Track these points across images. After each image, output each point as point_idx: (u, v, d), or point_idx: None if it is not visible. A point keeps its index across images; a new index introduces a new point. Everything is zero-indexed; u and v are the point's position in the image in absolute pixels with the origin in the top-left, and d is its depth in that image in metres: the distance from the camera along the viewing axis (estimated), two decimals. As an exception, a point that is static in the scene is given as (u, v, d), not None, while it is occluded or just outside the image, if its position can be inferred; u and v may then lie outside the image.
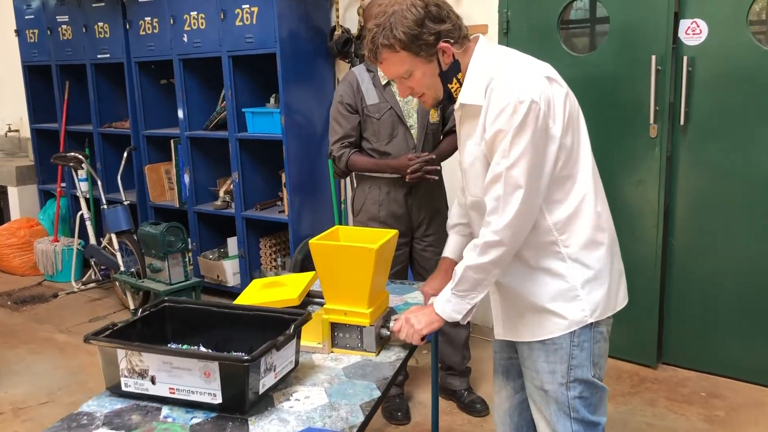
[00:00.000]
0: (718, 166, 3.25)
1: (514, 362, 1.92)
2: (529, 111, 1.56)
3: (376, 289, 1.84)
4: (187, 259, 4.08)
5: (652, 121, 3.25)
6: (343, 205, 4.34)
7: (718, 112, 3.22)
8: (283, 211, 4.33)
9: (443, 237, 3.03)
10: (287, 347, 1.62)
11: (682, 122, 3.27)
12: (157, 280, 4.07)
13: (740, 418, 3.04)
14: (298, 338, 1.69)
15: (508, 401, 1.98)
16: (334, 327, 1.84)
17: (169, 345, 1.77)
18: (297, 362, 1.71)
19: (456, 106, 1.76)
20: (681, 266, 3.43)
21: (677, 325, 3.49)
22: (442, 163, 2.99)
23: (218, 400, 1.51)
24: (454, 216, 2.06)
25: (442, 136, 3.02)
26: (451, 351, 3.15)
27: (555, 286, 1.71)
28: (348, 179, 4.20)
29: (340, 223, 4.27)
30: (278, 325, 1.67)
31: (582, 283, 1.70)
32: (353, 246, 1.77)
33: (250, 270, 4.56)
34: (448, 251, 2.06)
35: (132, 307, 4.42)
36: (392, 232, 1.88)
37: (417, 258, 3.02)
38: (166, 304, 1.81)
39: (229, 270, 4.60)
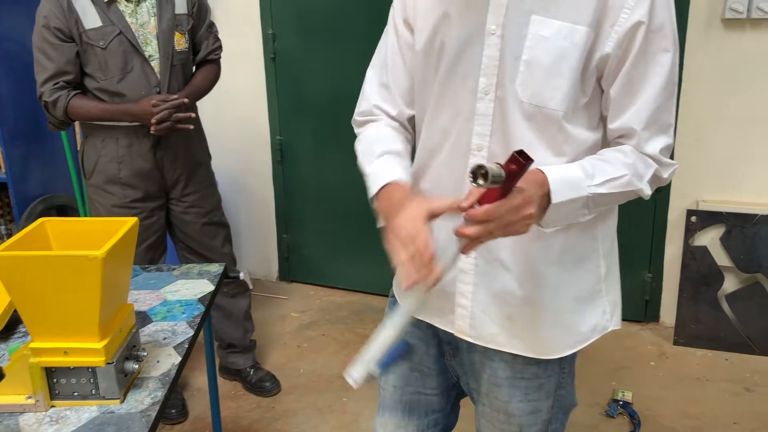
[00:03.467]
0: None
1: (423, 397, 1.40)
2: None
3: (112, 308, 1.26)
4: None
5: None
6: (79, 155, 3.52)
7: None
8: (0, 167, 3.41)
9: (208, 195, 2.47)
10: (-37, 435, 1.01)
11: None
12: None
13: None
14: (-13, 408, 1.08)
15: None
16: (52, 372, 1.24)
17: None
18: (-10, 443, 1.11)
19: None
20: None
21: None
22: (202, 100, 2.39)
23: None
24: (380, 144, 1.25)
25: (194, 67, 2.39)
26: (230, 326, 2.65)
27: (591, 272, 1.23)
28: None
29: (79, 179, 3.46)
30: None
31: (606, 271, 1.25)
32: (66, 256, 1.16)
33: (-36, 244, 3.60)
34: (397, 174, 1.19)
35: None
36: (130, 222, 1.29)
37: (176, 223, 2.42)
38: None
39: (-66, 246, 3.60)
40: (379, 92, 1.30)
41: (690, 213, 2.87)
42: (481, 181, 0.94)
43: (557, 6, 1.06)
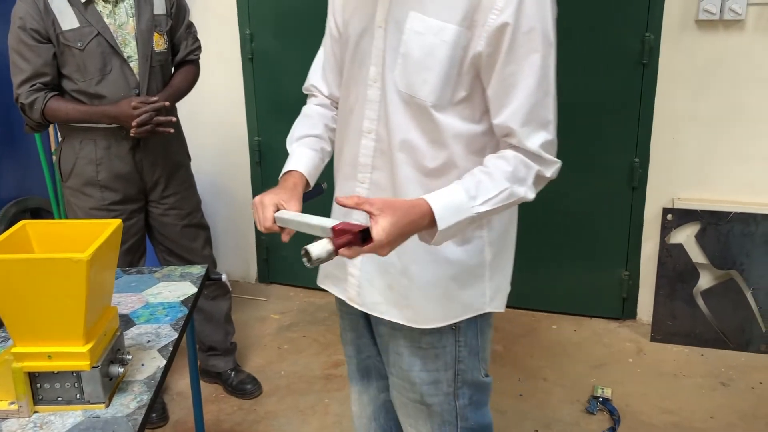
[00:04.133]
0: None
1: (374, 361, 1.55)
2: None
3: (96, 311, 1.25)
4: None
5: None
6: (55, 157, 3.47)
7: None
8: (-29, 170, 3.35)
9: (188, 197, 2.46)
10: (-53, 442, 0.99)
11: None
12: None
13: (517, 351, 2.97)
14: (-30, 415, 1.07)
15: (372, 404, 1.60)
16: (35, 377, 1.22)
17: None
18: (-27, 450, 1.09)
19: None
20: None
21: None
22: (180, 102, 2.37)
23: None
24: (300, 127, 1.46)
25: (173, 69, 2.38)
26: (211, 329, 2.63)
27: (474, 256, 1.31)
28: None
29: (54, 181, 3.41)
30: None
31: (492, 258, 1.33)
32: (50, 259, 1.15)
33: (-65, 248, 3.53)
34: (300, 165, 1.39)
35: None
36: (114, 224, 1.28)
37: (156, 225, 2.40)
38: None
39: None
40: (319, 72, 1.48)
41: (666, 211, 2.91)
42: (305, 261, 1.03)
43: (433, 4, 1.16)
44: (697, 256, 2.91)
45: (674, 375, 2.78)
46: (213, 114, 3.42)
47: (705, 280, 2.94)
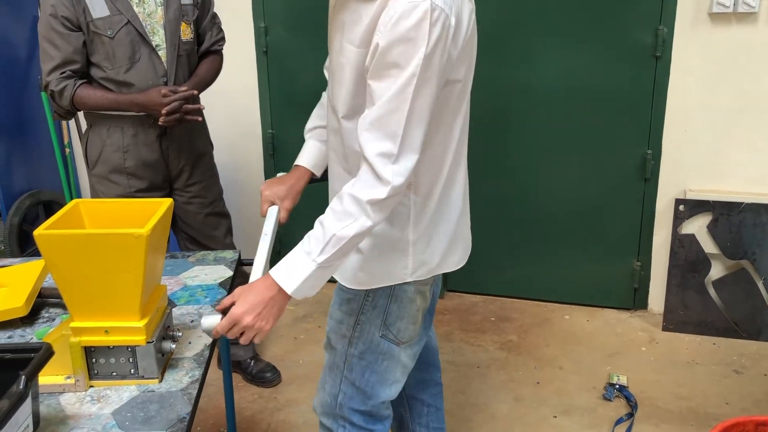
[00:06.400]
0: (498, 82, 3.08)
1: None
2: (435, 23, 1.16)
3: (151, 288, 1.27)
4: None
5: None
6: (68, 150, 3.49)
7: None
8: (-14, 162, 3.35)
9: (211, 185, 2.48)
10: (18, 411, 1.01)
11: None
12: None
13: (531, 341, 3.00)
14: (36, 385, 1.08)
15: None
16: (91, 352, 1.24)
17: None
18: (38, 421, 1.11)
19: None
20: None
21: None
22: (203, 92, 2.38)
23: None
24: (312, 118, 1.67)
25: (198, 58, 2.39)
26: (231, 318, 2.65)
27: (399, 231, 1.42)
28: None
29: (67, 173, 3.43)
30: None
31: (417, 237, 1.43)
32: (111, 234, 1.17)
33: (-52, 241, 3.53)
34: (303, 159, 1.63)
35: None
36: (166, 203, 1.30)
37: (179, 213, 2.41)
38: None
39: None
40: (328, 60, 1.56)
41: (678, 202, 2.95)
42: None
43: (348, 29, 1.29)
44: (708, 246, 2.95)
45: (687, 363, 2.82)
46: (227, 106, 3.43)
47: (716, 270, 2.98)
